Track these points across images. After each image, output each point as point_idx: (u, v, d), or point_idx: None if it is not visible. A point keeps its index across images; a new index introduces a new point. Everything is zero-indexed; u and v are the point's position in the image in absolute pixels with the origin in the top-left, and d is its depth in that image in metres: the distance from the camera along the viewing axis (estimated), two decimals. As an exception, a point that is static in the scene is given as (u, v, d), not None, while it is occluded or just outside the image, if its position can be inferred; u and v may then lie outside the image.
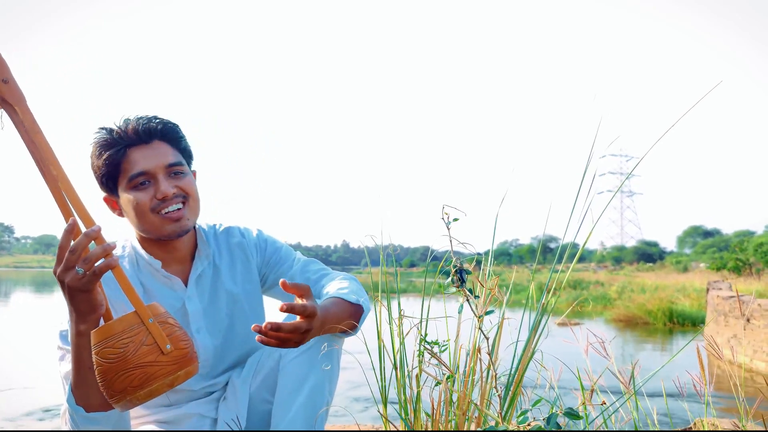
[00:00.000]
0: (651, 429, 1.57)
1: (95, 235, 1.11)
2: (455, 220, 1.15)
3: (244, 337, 1.52)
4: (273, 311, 1.45)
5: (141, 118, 1.37)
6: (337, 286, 1.46)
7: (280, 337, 1.16)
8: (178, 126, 1.43)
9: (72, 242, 1.09)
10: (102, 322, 1.16)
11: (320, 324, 1.24)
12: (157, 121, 1.39)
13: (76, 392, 1.17)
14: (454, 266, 1.15)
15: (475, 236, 1.24)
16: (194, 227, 1.48)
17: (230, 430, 1.43)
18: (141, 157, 1.35)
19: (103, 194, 1.41)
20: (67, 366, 1.27)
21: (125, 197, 1.36)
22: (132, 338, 1.10)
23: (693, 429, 1.92)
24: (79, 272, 1.07)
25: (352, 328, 1.36)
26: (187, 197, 1.39)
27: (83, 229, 1.14)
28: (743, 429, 1.43)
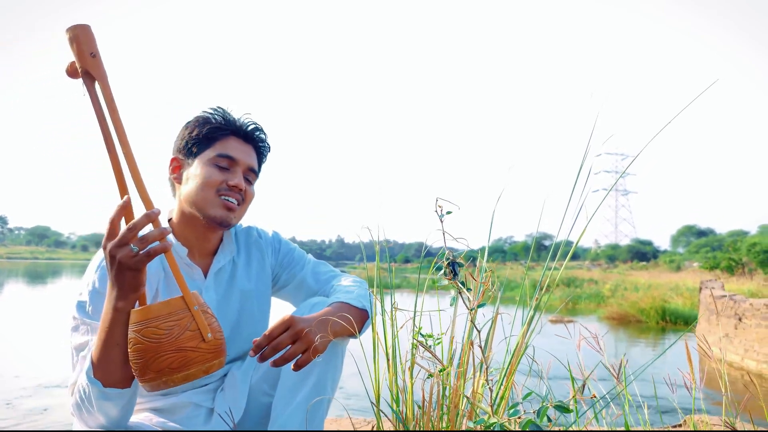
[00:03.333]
0: (641, 425, 1.58)
1: (155, 217, 1.14)
2: (448, 212, 1.15)
3: (249, 333, 1.55)
4: (278, 311, 1.47)
5: (251, 121, 1.51)
6: (344, 290, 1.52)
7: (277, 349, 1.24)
8: (270, 148, 1.58)
9: (123, 220, 1.13)
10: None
11: (317, 327, 1.30)
12: (262, 130, 1.54)
13: (96, 366, 1.18)
14: (447, 259, 1.15)
15: (470, 233, 1.24)
16: None
17: (224, 423, 1.44)
18: (237, 146, 1.47)
19: (172, 156, 1.50)
20: (81, 338, 1.28)
21: (200, 166, 1.44)
22: (177, 322, 1.15)
23: (683, 425, 1.93)
24: (133, 250, 1.09)
25: (356, 331, 1.39)
26: (245, 201, 1.49)
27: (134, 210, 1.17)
28: (732, 425, 1.44)
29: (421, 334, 1.32)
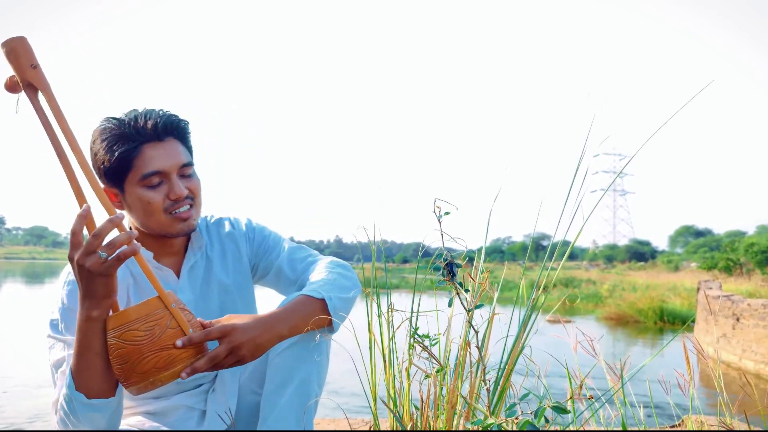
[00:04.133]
0: (638, 425, 1.58)
1: (119, 222, 1.13)
2: (446, 213, 1.15)
3: None
4: (264, 302, 1.46)
5: (155, 112, 1.35)
6: (313, 279, 1.44)
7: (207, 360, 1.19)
8: (188, 123, 1.41)
9: (85, 228, 1.12)
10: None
11: (268, 333, 1.25)
12: (174, 117, 1.36)
13: (77, 378, 1.17)
14: (445, 259, 1.15)
15: (468, 233, 1.24)
16: None
17: (217, 425, 1.44)
18: (156, 154, 1.32)
19: (102, 185, 1.37)
20: (58, 354, 1.27)
21: (135, 193, 1.33)
22: (157, 321, 1.15)
23: (680, 426, 1.93)
24: (102, 256, 1.08)
25: (328, 324, 1.34)
26: (194, 199, 1.39)
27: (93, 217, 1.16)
28: (729, 426, 1.45)
29: (417, 334, 1.32)
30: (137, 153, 1.31)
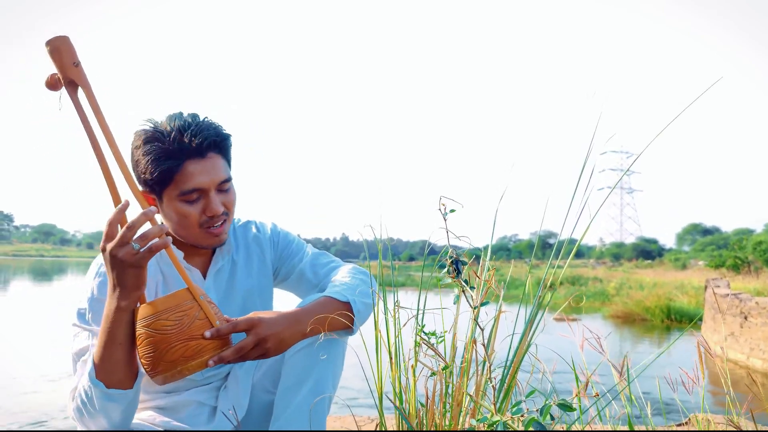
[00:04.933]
0: (645, 423, 1.58)
1: (152, 215, 1.17)
2: (452, 211, 1.15)
3: None
4: (282, 305, 1.47)
5: (198, 125, 1.33)
6: (337, 282, 1.48)
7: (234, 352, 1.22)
8: (230, 136, 1.41)
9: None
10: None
11: (291, 328, 1.28)
12: (216, 133, 1.35)
13: (99, 368, 1.20)
14: (450, 257, 1.15)
15: (474, 231, 1.24)
16: None
17: (228, 422, 1.44)
18: (197, 171, 1.32)
19: (140, 188, 1.37)
20: (82, 343, 1.30)
21: (172, 205, 1.34)
22: (186, 312, 1.19)
23: (686, 424, 1.93)
24: (134, 248, 1.11)
25: (348, 327, 1.37)
26: (229, 213, 1.41)
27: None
28: (736, 425, 1.44)
29: (423, 332, 1.32)
30: (179, 169, 1.31)
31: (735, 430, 1.55)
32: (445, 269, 1.17)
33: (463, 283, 1.17)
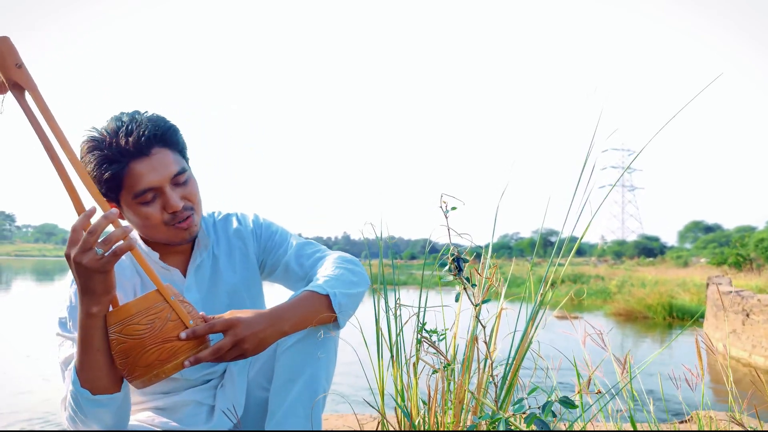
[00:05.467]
0: (647, 420, 1.58)
1: (113, 218, 1.13)
2: (453, 208, 1.15)
3: None
4: (272, 299, 1.46)
5: (137, 123, 1.29)
6: (320, 274, 1.43)
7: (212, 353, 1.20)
8: (175, 126, 1.36)
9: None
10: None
11: (271, 328, 1.25)
12: (155, 126, 1.31)
13: (81, 375, 1.18)
14: (452, 255, 1.15)
15: (476, 229, 1.24)
16: None
17: (226, 421, 1.44)
18: (144, 170, 1.28)
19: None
20: (67, 351, 1.29)
21: (131, 210, 1.33)
22: (157, 314, 1.16)
23: (689, 421, 1.93)
24: (98, 253, 1.08)
25: (334, 320, 1.33)
26: (194, 202, 1.38)
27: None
28: (739, 422, 1.44)
29: (425, 329, 1.32)
30: (125, 172, 1.28)
31: (739, 429, 1.55)
32: (447, 267, 1.17)
33: (465, 281, 1.16)
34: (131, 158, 1.28)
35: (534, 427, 0.90)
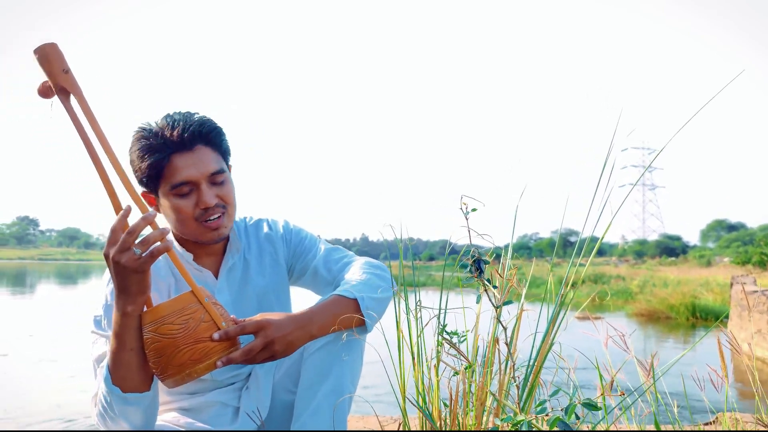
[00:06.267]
0: (671, 422, 1.56)
1: (152, 219, 1.16)
2: (473, 210, 1.15)
3: None
4: (299, 304, 1.47)
5: (185, 119, 1.35)
6: (347, 279, 1.46)
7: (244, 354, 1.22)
8: (221, 128, 1.42)
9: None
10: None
11: (299, 330, 1.27)
12: (201, 124, 1.36)
13: (113, 373, 1.21)
14: (472, 256, 1.15)
15: (494, 230, 1.24)
16: None
17: (251, 423, 1.45)
18: (184, 164, 1.33)
19: (141, 189, 1.41)
20: (100, 349, 1.31)
21: (167, 202, 1.37)
22: (191, 315, 1.18)
23: (714, 423, 1.90)
24: (136, 253, 1.11)
25: (360, 323, 1.36)
26: (227, 207, 1.40)
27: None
28: (765, 423, 1.42)
29: (446, 331, 1.32)
30: (166, 163, 1.33)
31: (765, 431, 1.53)
32: (467, 269, 1.16)
33: (485, 282, 1.16)
34: (174, 150, 1.33)
35: (557, 429, 0.90)
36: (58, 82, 1.17)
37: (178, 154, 1.34)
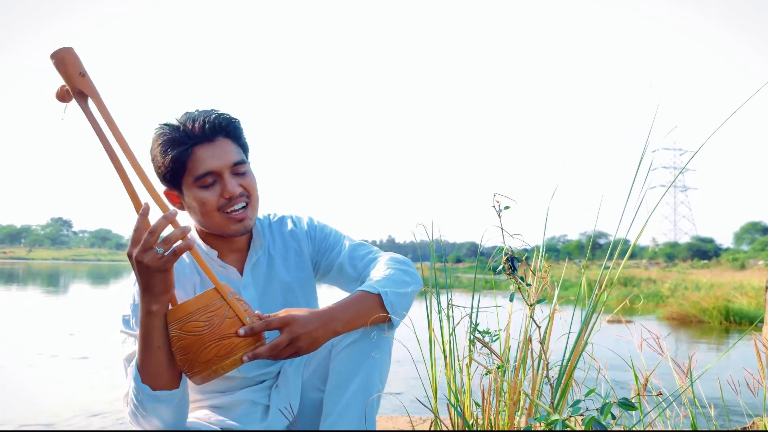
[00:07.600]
0: (708, 425, 1.54)
1: (173, 218, 1.17)
2: (506, 208, 1.15)
3: None
4: (326, 300, 1.48)
5: (205, 113, 1.38)
6: (372, 275, 1.46)
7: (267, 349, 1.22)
8: (239, 121, 1.44)
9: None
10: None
11: (324, 327, 1.28)
12: (222, 117, 1.39)
13: (142, 371, 1.22)
14: (506, 253, 1.15)
15: (523, 231, 1.23)
16: None
17: (280, 421, 1.46)
18: (207, 155, 1.36)
19: (163, 188, 1.44)
20: (130, 348, 1.33)
21: (191, 194, 1.38)
22: (215, 312, 1.19)
23: (751, 427, 1.86)
24: (158, 252, 1.12)
25: (387, 320, 1.36)
26: (250, 197, 1.42)
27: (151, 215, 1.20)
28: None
29: (478, 330, 1.32)
30: (189, 155, 1.35)
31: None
32: (501, 266, 1.16)
33: (519, 280, 1.16)
34: (196, 143, 1.36)
35: (593, 429, 0.89)
36: (75, 86, 1.19)
37: (201, 146, 1.36)
